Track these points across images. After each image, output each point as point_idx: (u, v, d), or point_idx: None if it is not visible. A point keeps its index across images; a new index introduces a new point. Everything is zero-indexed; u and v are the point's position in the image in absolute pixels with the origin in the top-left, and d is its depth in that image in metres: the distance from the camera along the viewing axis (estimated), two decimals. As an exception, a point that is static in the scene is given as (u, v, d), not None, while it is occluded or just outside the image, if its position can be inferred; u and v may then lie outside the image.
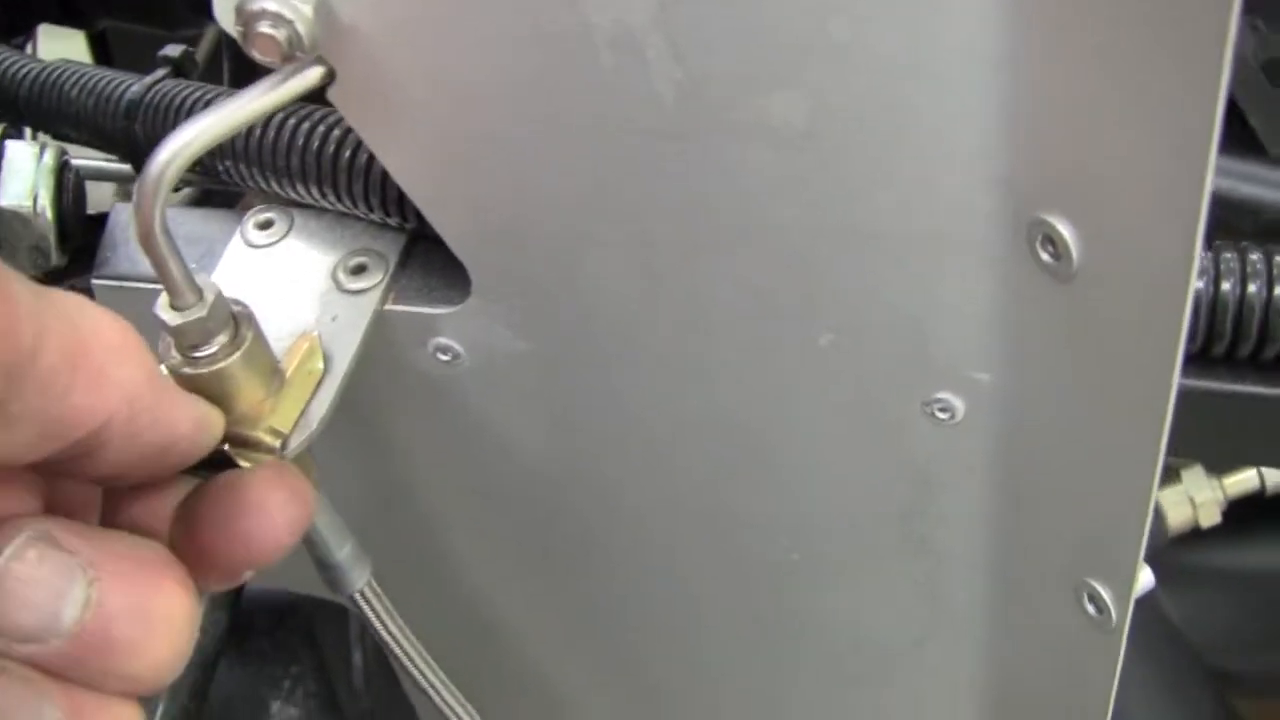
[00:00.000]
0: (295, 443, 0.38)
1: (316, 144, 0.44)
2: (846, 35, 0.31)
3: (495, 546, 0.55)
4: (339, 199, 0.45)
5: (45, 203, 0.47)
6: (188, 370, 0.36)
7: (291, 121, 0.45)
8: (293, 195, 0.46)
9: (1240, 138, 0.75)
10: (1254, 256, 0.39)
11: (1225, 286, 0.39)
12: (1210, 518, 0.89)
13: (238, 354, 0.37)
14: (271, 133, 0.45)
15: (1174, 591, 0.96)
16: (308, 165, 0.44)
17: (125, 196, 0.64)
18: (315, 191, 0.45)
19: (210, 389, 0.37)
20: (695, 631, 0.56)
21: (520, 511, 0.52)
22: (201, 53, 0.71)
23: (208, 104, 0.48)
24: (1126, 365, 0.35)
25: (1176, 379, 0.34)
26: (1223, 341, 0.39)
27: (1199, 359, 0.40)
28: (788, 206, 0.36)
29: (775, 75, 0.32)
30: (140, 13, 0.65)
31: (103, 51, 0.71)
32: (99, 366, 0.29)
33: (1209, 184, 0.29)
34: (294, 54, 0.33)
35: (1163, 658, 0.94)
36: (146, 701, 0.31)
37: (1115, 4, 0.28)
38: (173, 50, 0.51)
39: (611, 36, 0.33)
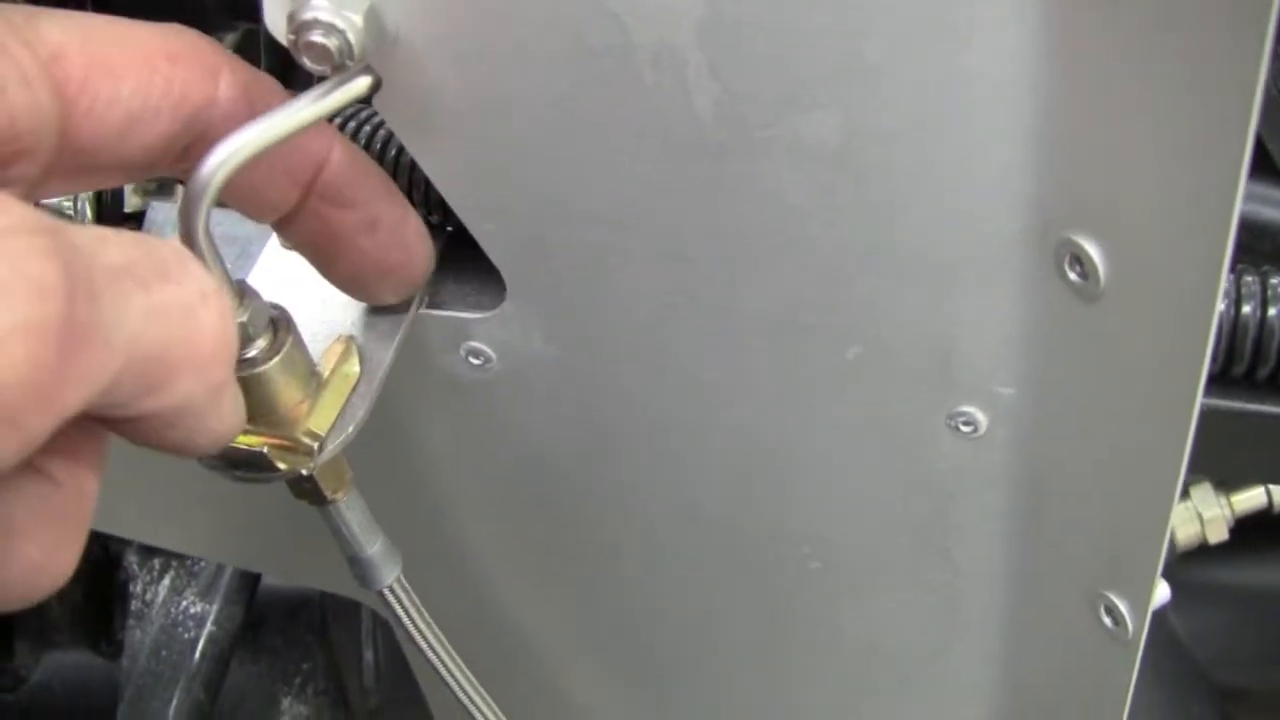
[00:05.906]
0: (332, 445, 0.39)
1: (363, 142, 0.45)
2: (880, 57, 0.32)
3: (519, 548, 0.55)
4: None
5: (85, 201, 0.47)
6: (228, 372, 0.37)
7: (337, 120, 0.45)
8: None
9: (1256, 160, 0.75)
10: (1275, 280, 0.39)
11: (1246, 310, 0.39)
12: (1218, 534, 0.89)
13: (276, 358, 0.37)
14: None
15: (1180, 607, 0.97)
16: None
17: (144, 194, 0.64)
18: None
19: (249, 392, 0.37)
20: (715, 637, 0.56)
21: (544, 514, 0.52)
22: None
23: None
24: (1150, 383, 0.35)
25: (1199, 398, 0.34)
26: (1242, 363, 0.40)
27: (1219, 379, 0.41)
28: (819, 223, 0.36)
29: (810, 95, 0.33)
30: (175, 14, 0.65)
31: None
32: None
33: (1237, 209, 0.29)
34: (344, 63, 0.34)
35: (1168, 673, 0.95)
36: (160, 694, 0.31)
37: (1148, 37, 0.28)
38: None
39: (654, 55, 0.33)
